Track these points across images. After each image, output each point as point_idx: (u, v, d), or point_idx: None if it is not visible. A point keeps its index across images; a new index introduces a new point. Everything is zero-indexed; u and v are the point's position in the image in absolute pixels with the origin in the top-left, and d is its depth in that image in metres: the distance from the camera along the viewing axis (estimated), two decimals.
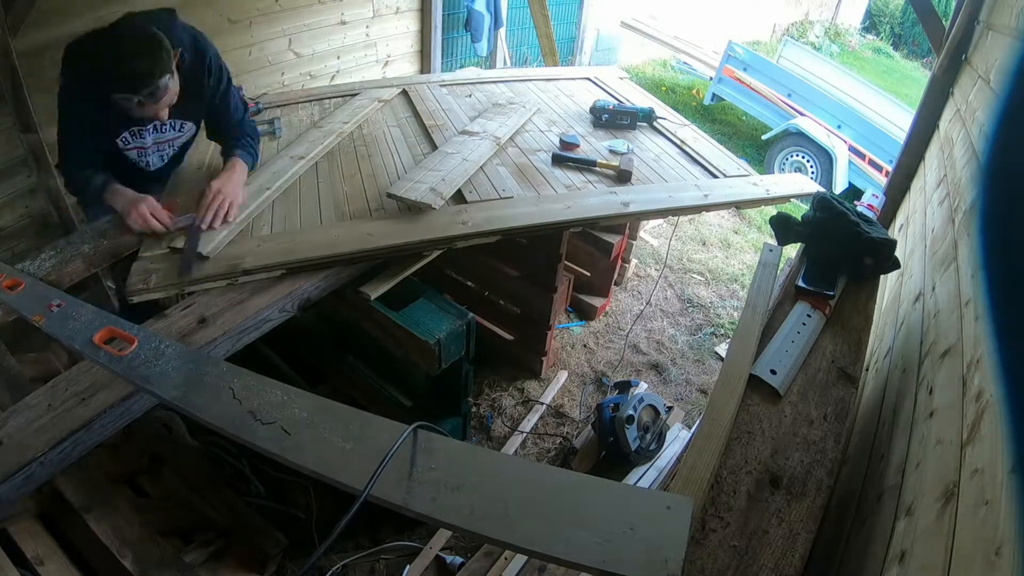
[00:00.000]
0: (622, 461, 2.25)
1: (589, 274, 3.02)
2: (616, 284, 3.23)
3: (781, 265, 1.64)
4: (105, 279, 1.87)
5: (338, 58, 3.67)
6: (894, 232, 2.60)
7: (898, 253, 1.58)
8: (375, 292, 1.70)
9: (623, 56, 6.92)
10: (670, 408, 2.53)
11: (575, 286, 2.97)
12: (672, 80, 6.77)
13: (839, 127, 4.80)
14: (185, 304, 1.50)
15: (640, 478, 2.24)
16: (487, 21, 4.34)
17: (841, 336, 1.41)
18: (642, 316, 3.12)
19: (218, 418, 0.89)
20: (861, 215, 1.60)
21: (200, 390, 0.94)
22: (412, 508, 0.78)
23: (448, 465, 0.84)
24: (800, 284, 1.52)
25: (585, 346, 2.92)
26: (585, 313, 3.08)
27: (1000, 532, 0.66)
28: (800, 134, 4.74)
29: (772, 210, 2.01)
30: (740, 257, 3.78)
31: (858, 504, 1.31)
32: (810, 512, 1.01)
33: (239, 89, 1.96)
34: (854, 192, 4.54)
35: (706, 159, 2.30)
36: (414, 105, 2.58)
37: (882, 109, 4.86)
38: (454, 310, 1.75)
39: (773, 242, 1.72)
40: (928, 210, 2.03)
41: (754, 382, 1.25)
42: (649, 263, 3.58)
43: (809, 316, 1.43)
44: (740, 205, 2.22)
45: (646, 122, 2.56)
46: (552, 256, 2.30)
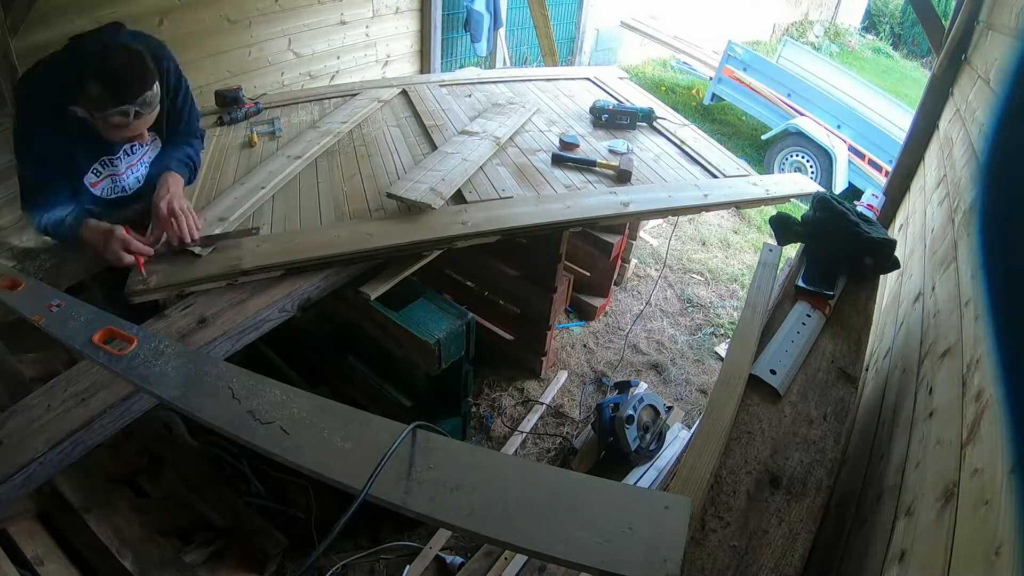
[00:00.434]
0: (622, 461, 2.25)
1: (589, 274, 3.02)
2: (616, 284, 3.23)
3: (781, 265, 1.64)
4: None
5: (338, 58, 3.67)
6: (894, 232, 2.60)
7: (898, 253, 1.58)
8: (375, 292, 1.70)
9: (623, 56, 6.92)
10: (670, 408, 2.53)
11: (575, 286, 2.97)
12: (672, 80, 6.78)
13: (839, 127, 4.80)
14: (185, 304, 1.50)
15: (640, 478, 2.24)
16: (487, 21, 4.34)
17: (841, 336, 1.41)
18: (642, 316, 3.12)
19: (217, 418, 0.89)
20: (861, 215, 1.60)
21: (199, 390, 0.94)
22: (411, 508, 0.78)
23: (447, 465, 0.84)
24: (800, 284, 1.52)
25: (585, 346, 2.92)
26: (585, 313, 3.08)
27: (1000, 532, 0.66)
28: (800, 134, 4.74)
29: (772, 210, 2.01)
30: (740, 257, 3.78)
31: (858, 504, 1.31)
32: (810, 512, 1.01)
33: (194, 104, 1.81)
34: (854, 192, 4.54)
35: (706, 159, 2.30)
36: (414, 105, 2.58)
37: (882, 109, 4.86)
38: (454, 310, 1.75)
39: (773, 242, 1.72)
40: (928, 210, 2.02)
41: (754, 382, 1.25)
42: (649, 263, 3.58)
43: (809, 316, 1.43)
44: (740, 205, 2.22)
45: (646, 122, 2.56)
46: (552, 256, 2.30)
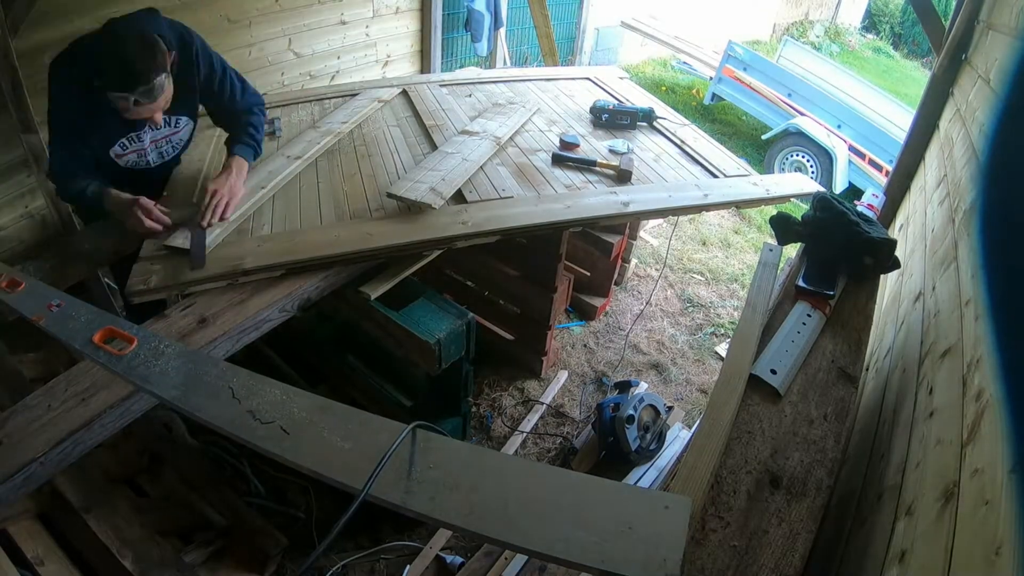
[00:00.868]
0: (622, 461, 2.25)
1: (589, 274, 3.02)
2: (616, 284, 3.23)
3: (781, 265, 1.64)
4: (104, 278, 1.87)
5: (338, 58, 3.67)
6: (894, 232, 2.60)
7: (898, 253, 1.58)
8: (375, 292, 1.70)
9: (623, 56, 6.92)
10: (670, 408, 2.52)
11: (575, 286, 2.97)
12: (672, 80, 6.77)
13: (839, 127, 4.80)
14: (185, 304, 1.50)
15: (640, 478, 2.24)
16: (487, 21, 4.33)
17: (841, 336, 1.41)
18: (642, 316, 3.12)
19: (217, 418, 0.89)
20: (861, 215, 1.60)
21: (199, 390, 0.94)
22: (410, 507, 0.78)
23: (447, 464, 0.83)
24: (800, 284, 1.52)
25: (585, 346, 2.92)
26: (585, 313, 3.08)
27: (1000, 532, 0.66)
28: (800, 134, 4.74)
29: (772, 210, 2.01)
30: (740, 257, 3.78)
31: (858, 504, 1.31)
32: (810, 512, 1.01)
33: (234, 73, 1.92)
34: (854, 192, 4.54)
35: (706, 159, 2.30)
36: (414, 105, 2.58)
37: (882, 109, 4.86)
38: (454, 310, 1.75)
39: (773, 242, 1.72)
40: (928, 210, 2.02)
41: (754, 382, 1.24)
42: (649, 263, 3.58)
43: (809, 316, 1.43)
44: (740, 205, 2.22)
45: (646, 122, 2.56)
46: (552, 256, 2.30)
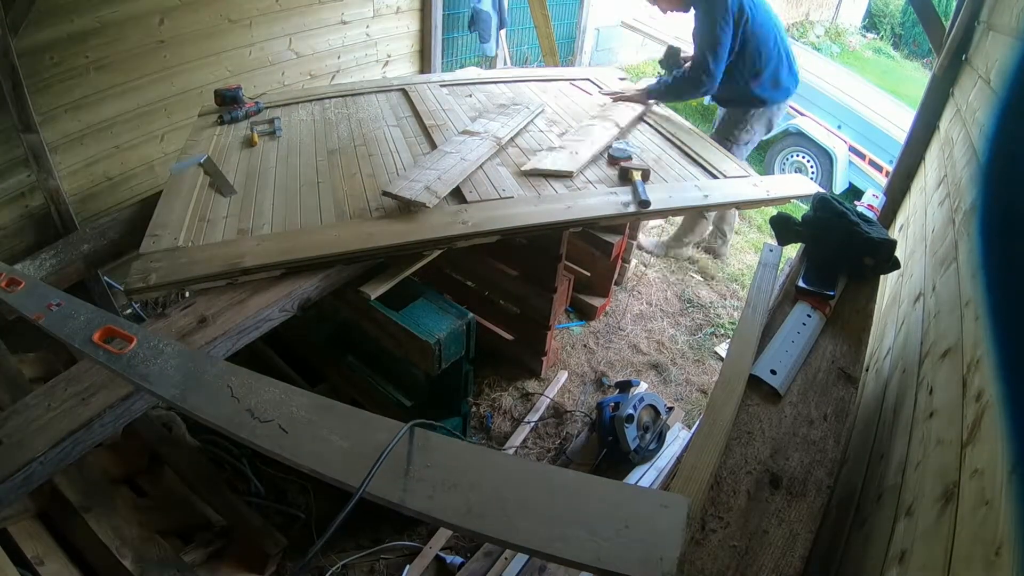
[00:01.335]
0: (622, 461, 2.25)
1: (589, 274, 3.01)
2: (616, 284, 3.23)
3: (781, 265, 1.64)
4: (105, 279, 1.87)
5: (338, 58, 3.67)
6: (894, 232, 2.60)
7: (898, 253, 1.58)
8: (375, 292, 1.70)
9: (623, 56, 6.91)
10: (670, 408, 2.52)
11: (575, 286, 2.97)
12: None
13: (839, 127, 4.79)
14: (185, 303, 1.50)
15: (640, 478, 2.24)
16: (494, 21, 4.30)
17: (841, 336, 1.41)
18: (642, 316, 3.12)
19: (216, 416, 0.89)
20: (861, 215, 1.60)
21: (198, 389, 0.94)
22: (408, 506, 0.78)
23: (445, 463, 0.84)
24: (800, 284, 1.52)
25: (585, 346, 2.92)
26: (585, 313, 3.08)
27: (1000, 532, 0.66)
28: (800, 134, 4.74)
29: (772, 210, 2.01)
30: (740, 257, 3.77)
31: (858, 504, 1.31)
32: (810, 512, 1.01)
33: None
34: (854, 192, 4.54)
35: (706, 159, 2.30)
36: (414, 105, 2.58)
37: (882, 109, 4.85)
38: (454, 310, 1.75)
39: (773, 242, 1.72)
40: (928, 210, 2.02)
41: (754, 382, 1.24)
42: (651, 263, 3.58)
43: (809, 316, 1.43)
44: (740, 205, 2.22)
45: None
46: (552, 256, 2.30)
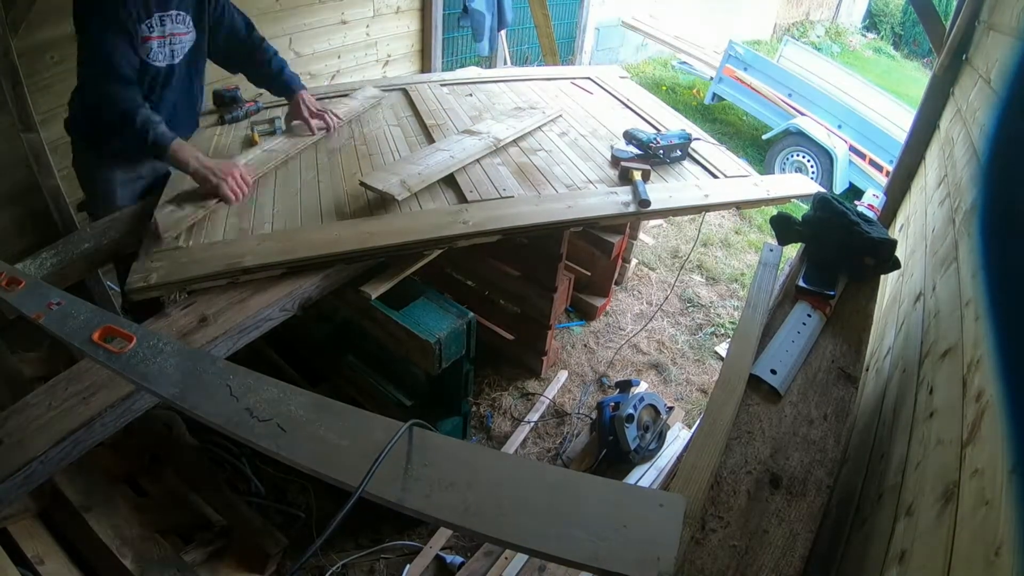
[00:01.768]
0: (622, 460, 2.25)
1: (589, 274, 3.01)
2: (616, 284, 3.23)
3: (781, 265, 1.64)
4: (105, 280, 1.87)
5: (338, 57, 3.67)
6: (895, 232, 2.60)
7: (898, 253, 1.58)
8: (375, 292, 1.70)
9: (623, 55, 6.92)
10: (670, 408, 2.52)
11: (575, 286, 2.97)
12: (672, 80, 6.77)
13: (839, 127, 4.80)
14: (186, 303, 1.50)
15: (640, 478, 2.24)
16: (488, 21, 4.30)
17: (841, 336, 1.41)
18: (642, 316, 3.12)
19: (215, 415, 0.89)
20: (861, 215, 1.60)
21: (198, 388, 0.94)
22: (407, 505, 0.79)
23: (443, 462, 0.84)
24: (800, 284, 1.52)
25: (585, 346, 2.92)
26: (585, 313, 3.08)
27: (1000, 532, 0.66)
28: (800, 134, 4.74)
29: (772, 210, 2.01)
30: (740, 257, 3.78)
31: (858, 504, 1.31)
32: (810, 512, 1.01)
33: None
34: (854, 192, 4.54)
35: (707, 159, 2.30)
36: (415, 105, 2.58)
37: (882, 109, 4.86)
38: (454, 309, 1.75)
39: (773, 242, 1.72)
40: (928, 210, 2.02)
41: (754, 382, 1.24)
42: (653, 263, 3.58)
43: (809, 316, 1.43)
44: (741, 205, 2.21)
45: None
46: (553, 256, 2.30)
